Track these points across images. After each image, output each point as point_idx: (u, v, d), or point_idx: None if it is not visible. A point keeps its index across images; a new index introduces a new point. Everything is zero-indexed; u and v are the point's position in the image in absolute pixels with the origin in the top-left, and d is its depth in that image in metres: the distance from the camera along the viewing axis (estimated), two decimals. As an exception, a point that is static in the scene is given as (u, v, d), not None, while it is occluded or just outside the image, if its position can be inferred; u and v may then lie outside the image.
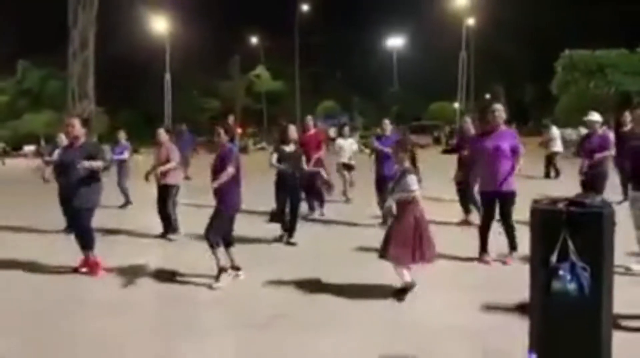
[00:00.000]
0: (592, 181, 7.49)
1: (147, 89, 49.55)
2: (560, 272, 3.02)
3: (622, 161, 8.26)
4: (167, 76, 41.90)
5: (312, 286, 5.62)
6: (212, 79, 56.50)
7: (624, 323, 4.23)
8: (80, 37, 30.18)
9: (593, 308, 3.03)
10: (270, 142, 39.00)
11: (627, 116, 9.11)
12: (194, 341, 4.39)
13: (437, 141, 38.33)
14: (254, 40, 58.18)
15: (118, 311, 5.14)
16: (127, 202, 11.64)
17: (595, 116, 8.00)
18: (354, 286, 5.54)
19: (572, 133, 22.56)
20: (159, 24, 41.55)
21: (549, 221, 3.11)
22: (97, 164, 6.00)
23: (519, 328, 3.59)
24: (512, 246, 6.31)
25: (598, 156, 7.65)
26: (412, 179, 5.03)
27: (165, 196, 8.19)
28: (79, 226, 6.26)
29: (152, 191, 8.47)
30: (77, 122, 6.16)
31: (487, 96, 60.52)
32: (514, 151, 6.27)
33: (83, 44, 30.18)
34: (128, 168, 11.92)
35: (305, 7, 51.10)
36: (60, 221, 8.37)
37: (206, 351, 4.24)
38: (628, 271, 5.70)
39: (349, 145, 11.67)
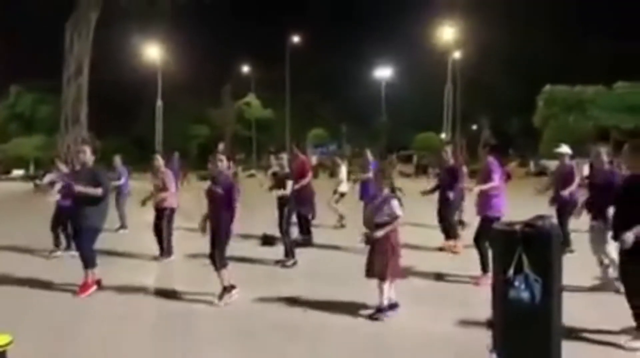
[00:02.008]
0: (558, 210, 8.12)
1: (139, 115, 50.15)
2: (516, 283, 3.57)
3: None
4: (159, 103, 42.54)
5: (303, 302, 6.09)
6: (203, 107, 57.28)
7: (580, 334, 4.76)
8: (76, 64, 30.91)
9: (544, 313, 3.57)
10: (260, 169, 39.55)
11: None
12: (191, 349, 4.83)
13: (424, 171, 39.37)
14: (245, 69, 59.17)
15: (118, 324, 5.56)
16: (122, 226, 11.92)
17: (563, 148, 8.65)
18: (341, 302, 6.02)
19: (552, 165, 23.53)
20: (152, 52, 42.36)
21: (507, 240, 3.67)
22: (94, 190, 6.41)
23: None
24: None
25: (563, 192, 8.17)
26: (395, 204, 5.44)
27: (162, 219, 8.62)
28: (82, 246, 6.65)
29: (147, 215, 8.90)
30: (88, 149, 6.64)
31: (474, 127, 61.74)
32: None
33: (78, 70, 30.91)
34: (125, 193, 12.29)
35: (295, 39, 52.27)
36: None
37: (208, 354, 4.68)
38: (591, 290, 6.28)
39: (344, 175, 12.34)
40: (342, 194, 12.15)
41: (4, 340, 4.29)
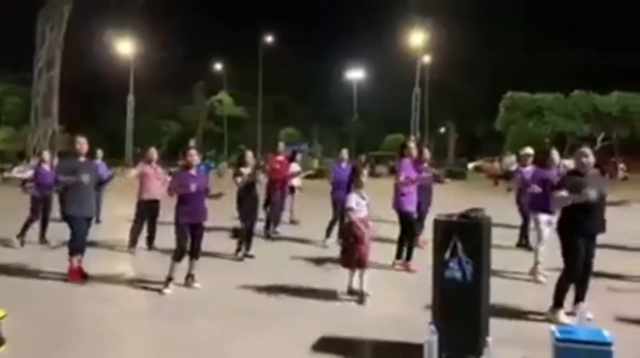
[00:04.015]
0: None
1: (110, 109, 49.91)
2: (451, 264, 4.24)
3: None
4: (130, 97, 42.50)
5: (271, 288, 6.71)
6: (175, 103, 57.21)
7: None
8: (47, 57, 30.77)
9: (474, 290, 4.25)
10: (230, 166, 39.87)
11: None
12: (172, 328, 5.40)
13: (392, 171, 40.41)
14: (218, 66, 59.23)
15: (106, 304, 6.12)
16: (97, 220, 12.26)
17: (527, 150, 9.49)
18: (304, 287, 6.68)
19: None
20: (125, 47, 42.26)
21: (444, 229, 4.34)
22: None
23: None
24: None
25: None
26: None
27: (157, 210, 9.09)
28: (86, 234, 7.10)
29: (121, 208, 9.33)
30: (85, 141, 7.03)
31: (442, 129, 63.10)
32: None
33: (49, 64, 30.78)
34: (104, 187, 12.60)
35: (269, 38, 52.76)
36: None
37: (187, 332, 5.25)
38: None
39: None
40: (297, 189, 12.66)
41: (-2, 313, 4.75)
